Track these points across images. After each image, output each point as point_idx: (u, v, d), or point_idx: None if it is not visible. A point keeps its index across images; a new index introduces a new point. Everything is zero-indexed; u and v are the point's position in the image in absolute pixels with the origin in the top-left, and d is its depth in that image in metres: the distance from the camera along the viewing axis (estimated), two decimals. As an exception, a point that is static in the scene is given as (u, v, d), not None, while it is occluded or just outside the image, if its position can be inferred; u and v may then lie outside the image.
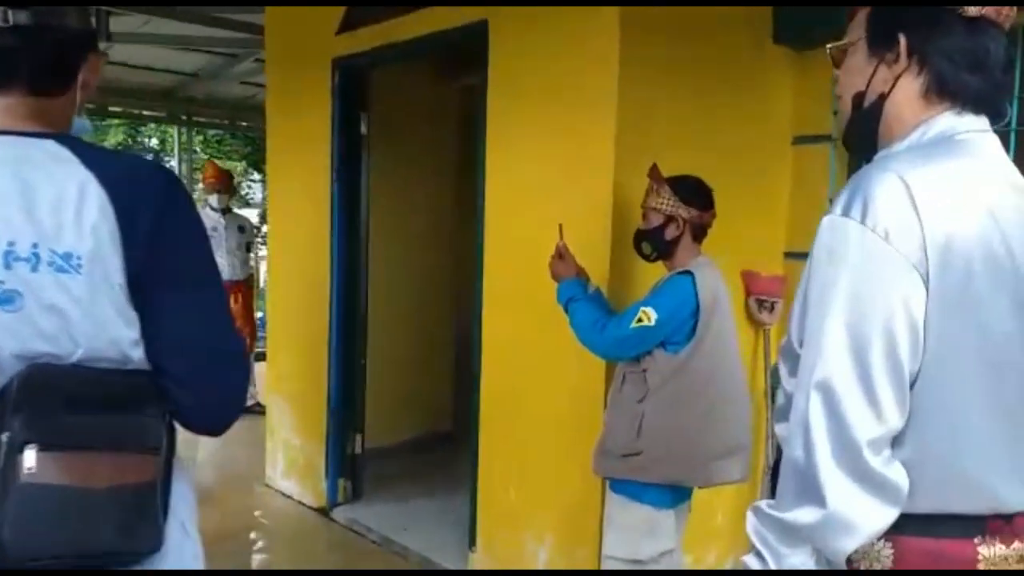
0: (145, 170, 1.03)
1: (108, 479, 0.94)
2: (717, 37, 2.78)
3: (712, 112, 2.77)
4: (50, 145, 0.99)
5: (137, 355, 0.99)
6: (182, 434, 1.07)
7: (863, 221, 0.91)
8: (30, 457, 0.90)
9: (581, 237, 2.44)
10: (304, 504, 3.93)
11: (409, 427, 4.66)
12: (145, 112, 7.91)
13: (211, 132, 10.29)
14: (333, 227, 3.73)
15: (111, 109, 7.37)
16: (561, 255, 2.32)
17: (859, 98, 1.07)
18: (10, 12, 0.97)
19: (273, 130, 4.21)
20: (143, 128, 11.56)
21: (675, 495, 2.16)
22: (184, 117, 7.62)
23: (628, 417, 2.11)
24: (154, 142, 12.32)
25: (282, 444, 4.12)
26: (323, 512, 3.81)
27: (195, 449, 4.55)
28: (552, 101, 2.70)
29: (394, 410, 4.45)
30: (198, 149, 10.34)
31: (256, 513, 3.97)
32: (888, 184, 0.92)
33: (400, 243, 4.56)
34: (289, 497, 4.04)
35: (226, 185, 5.61)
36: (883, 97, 1.04)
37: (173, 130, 8.28)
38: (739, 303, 2.96)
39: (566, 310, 2.24)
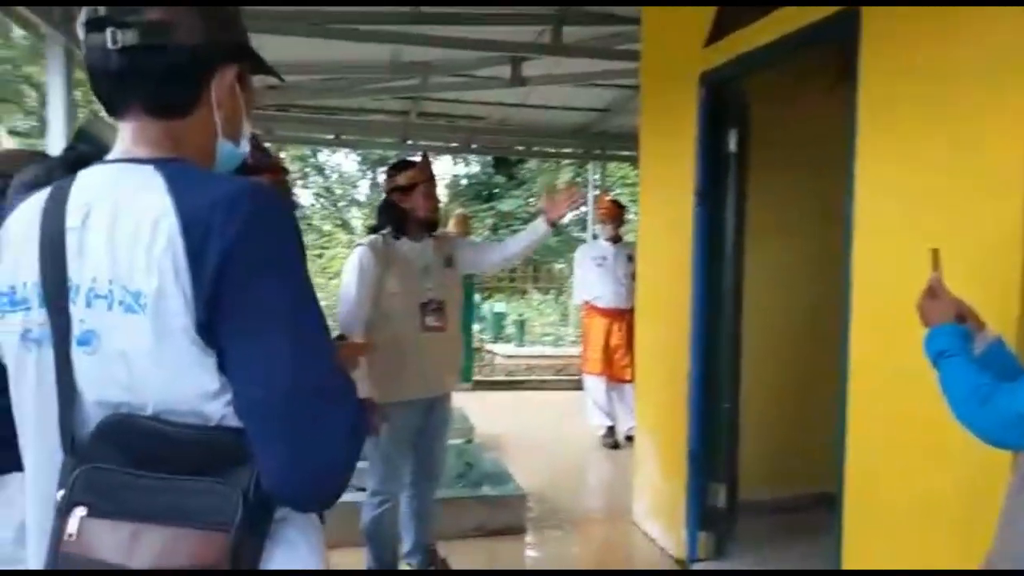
0: (228, 195, 0.88)
1: (153, 558, 0.82)
2: None
3: None
4: (147, 171, 0.92)
5: (216, 410, 0.87)
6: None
7: None
8: (74, 521, 0.84)
9: (977, 268, 1.78)
10: (665, 551, 3.66)
11: (789, 482, 4.06)
12: (563, 150, 8.53)
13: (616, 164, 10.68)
14: (694, 254, 3.44)
15: (534, 149, 8.09)
16: (934, 292, 1.69)
17: None
18: (118, 33, 0.92)
19: (645, 153, 4.09)
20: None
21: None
22: (598, 152, 8.02)
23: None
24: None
25: (648, 481, 3.92)
26: (682, 564, 3.50)
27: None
28: (941, 104, 2.05)
29: (771, 461, 3.91)
30: (613, 183, 10.83)
31: (614, 551, 3.83)
32: None
33: (777, 272, 4.01)
34: (652, 540, 3.81)
35: (614, 215, 5.70)
36: None
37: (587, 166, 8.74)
38: None
39: (935, 366, 1.62)
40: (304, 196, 18.57)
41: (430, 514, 3.14)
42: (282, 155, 16.82)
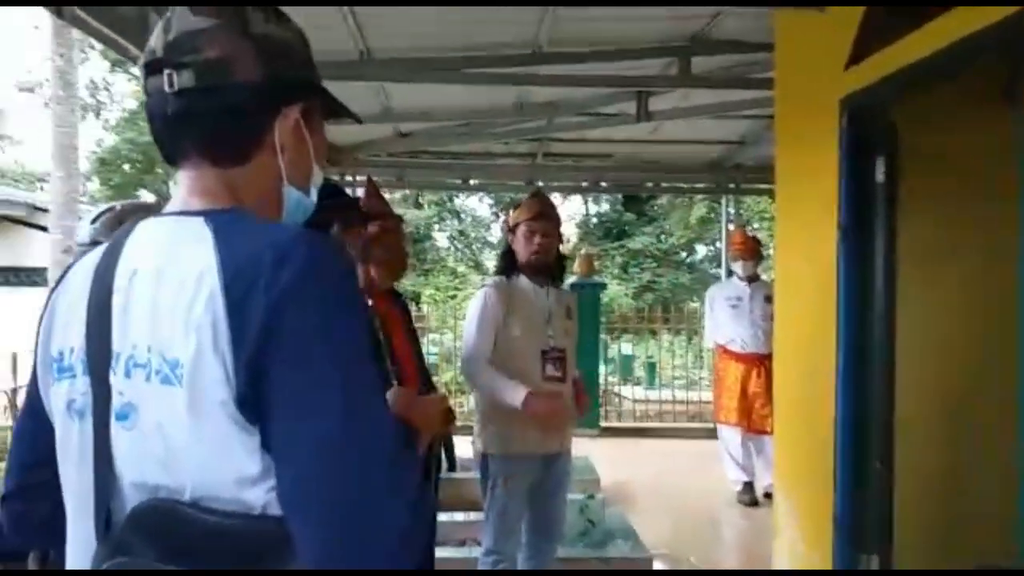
0: (277, 244, 0.79)
1: None
2: None
3: None
4: (197, 224, 0.85)
5: (259, 497, 0.76)
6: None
7: None
8: None
9: None
10: (810, 627, 3.29)
11: (952, 553, 3.55)
12: (695, 185, 8.24)
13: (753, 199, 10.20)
14: (839, 294, 3.12)
15: (662, 184, 7.87)
16: None
17: None
18: (174, 75, 0.87)
19: (782, 186, 3.80)
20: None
21: None
22: (732, 186, 7.67)
23: None
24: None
25: (788, 547, 3.55)
26: (829, 645, 3.12)
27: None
28: None
29: (932, 529, 3.45)
30: (750, 218, 10.36)
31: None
32: None
33: (936, 315, 3.57)
34: (794, 613, 3.44)
35: (751, 252, 5.35)
36: None
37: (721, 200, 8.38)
38: None
39: None
40: (439, 239, 19.16)
41: (548, 576, 2.98)
42: (420, 202, 17.47)
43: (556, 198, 17.50)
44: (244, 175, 0.92)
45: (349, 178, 6.82)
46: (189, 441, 0.77)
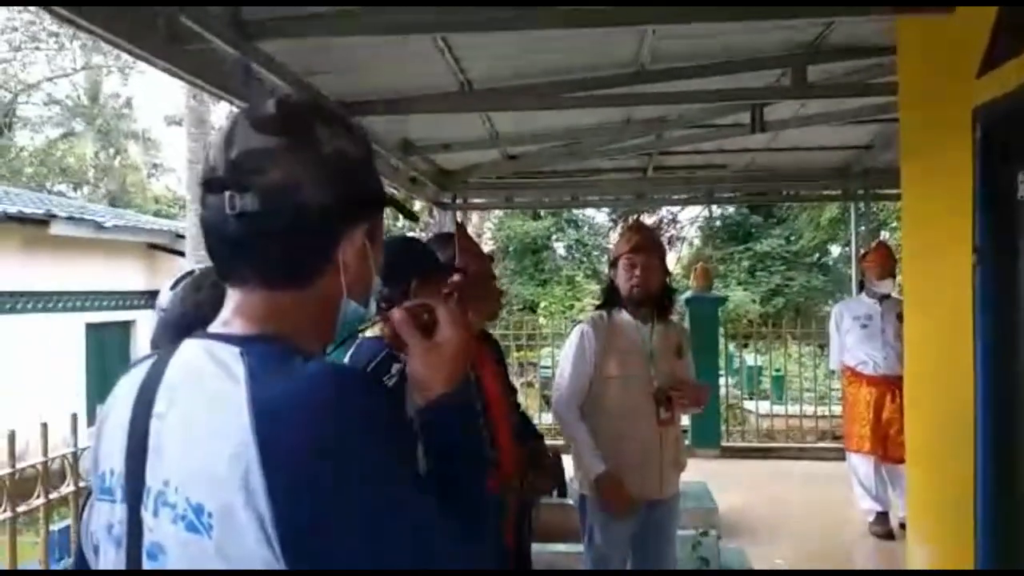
0: (301, 396, 0.76)
1: None
2: None
3: None
4: (233, 355, 0.81)
5: None
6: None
7: None
8: None
9: None
10: None
11: None
12: (820, 192, 7.78)
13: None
14: (977, 322, 2.82)
15: (784, 194, 7.49)
16: None
17: None
18: (237, 198, 0.82)
19: (908, 204, 3.52)
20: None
21: None
22: (861, 192, 7.18)
23: None
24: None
25: (925, 597, 3.26)
26: None
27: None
28: None
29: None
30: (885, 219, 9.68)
31: None
32: None
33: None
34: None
35: (889, 268, 4.96)
36: None
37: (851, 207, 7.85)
38: None
39: None
40: (558, 248, 19.17)
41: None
42: (539, 212, 17.48)
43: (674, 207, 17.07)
44: (299, 297, 0.88)
45: (460, 201, 6.92)
46: None
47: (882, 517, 4.85)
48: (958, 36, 2.93)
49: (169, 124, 22.47)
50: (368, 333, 2.19)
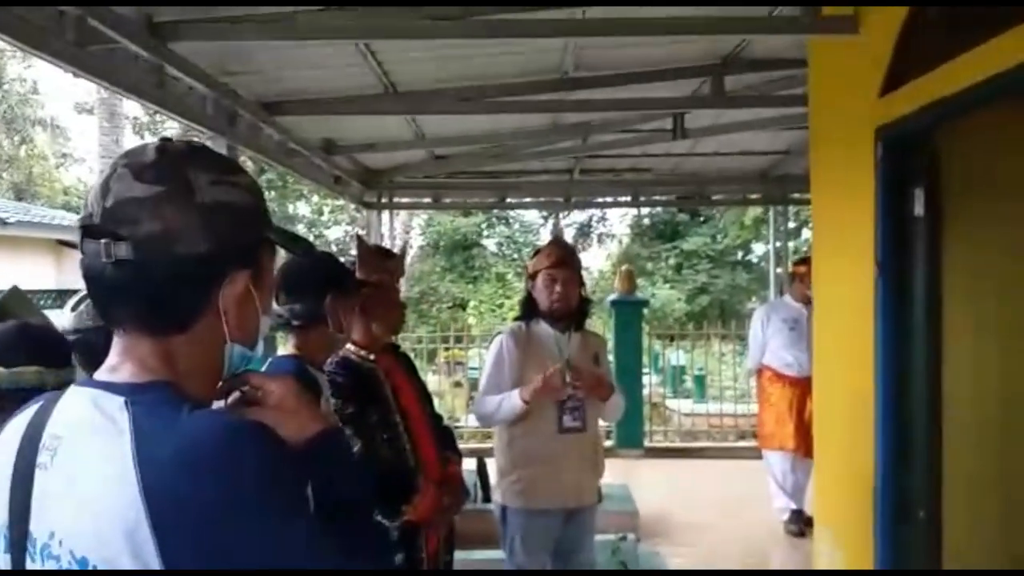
0: (187, 453, 0.76)
1: None
2: None
3: None
4: (117, 406, 0.81)
5: None
6: None
7: None
8: None
9: None
10: None
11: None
12: (746, 196, 8.03)
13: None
14: (877, 334, 2.96)
15: (706, 198, 7.69)
16: None
17: None
18: (112, 245, 0.82)
19: (818, 215, 3.67)
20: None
21: None
22: (779, 195, 7.43)
23: None
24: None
25: (830, 592, 3.41)
26: None
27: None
28: None
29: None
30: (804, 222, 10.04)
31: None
32: None
33: (984, 354, 3.36)
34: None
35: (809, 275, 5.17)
36: None
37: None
38: None
39: None
40: (488, 245, 19.20)
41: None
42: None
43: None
44: (182, 343, 0.87)
45: (386, 200, 6.85)
46: None
47: (796, 515, 5.04)
48: (863, 56, 3.06)
49: (80, 112, 21.37)
50: (280, 351, 2.16)
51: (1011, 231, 3.36)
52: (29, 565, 0.81)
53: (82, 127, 22.25)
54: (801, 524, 4.98)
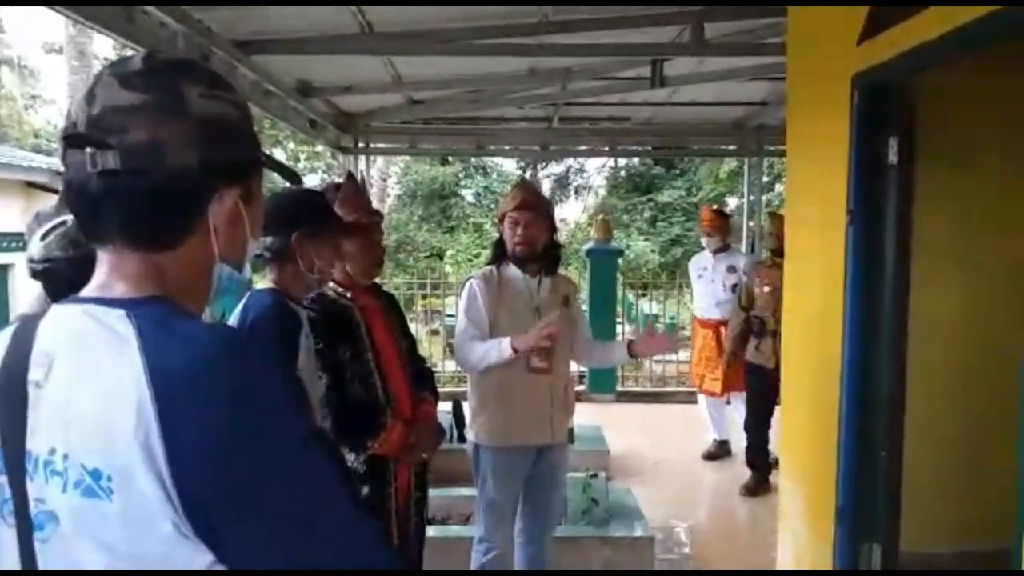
0: (196, 360, 0.76)
1: None
2: None
3: None
4: (118, 318, 0.79)
5: None
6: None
7: None
8: None
9: None
10: (810, 612, 3.28)
11: (960, 536, 3.52)
12: (721, 147, 8.02)
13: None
14: (846, 280, 3.02)
15: (684, 148, 7.69)
16: None
17: None
18: (98, 155, 0.78)
19: (792, 163, 3.69)
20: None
21: None
22: (755, 147, 7.46)
23: None
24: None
25: (790, 533, 3.54)
26: (830, 629, 3.11)
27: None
28: None
29: (939, 513, 3.42)
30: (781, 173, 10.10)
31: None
32: None
33: (950, 300, 3.48)
34: (794, 596, 3.44)
35: (717, 227, 5.60)
36: None
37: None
38: None
39: None
40: (466, 195, 19.08)
41: (545, 562, 2.99)
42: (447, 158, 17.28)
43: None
44: (172, 259, 0.85)
45: (363, 145, 6.77)
46: (126, 551, 0.74)
47: (720, 444, 5.61)
48: (842, 4, 3.05)
49: (48, 52, 20.67)
50: (258, 285, 2.16)
51: (982, 180, 3.43)
52: (29, 484, 0.79)
53: (51, 67, 21.50)
54: (722, 451, 5.58)
